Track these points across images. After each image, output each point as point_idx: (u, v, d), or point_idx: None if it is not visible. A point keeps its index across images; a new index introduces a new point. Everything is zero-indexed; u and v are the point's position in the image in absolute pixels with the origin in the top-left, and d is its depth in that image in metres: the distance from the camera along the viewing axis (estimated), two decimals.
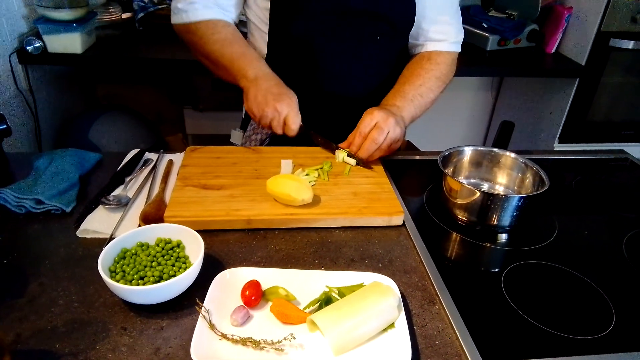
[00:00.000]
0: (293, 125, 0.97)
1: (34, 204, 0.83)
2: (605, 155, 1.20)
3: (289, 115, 0.96)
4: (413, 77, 1.09)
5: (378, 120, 0.95)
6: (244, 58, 1.04)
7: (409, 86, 1.08)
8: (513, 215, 0.84)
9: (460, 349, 0.63)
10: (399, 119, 0.99)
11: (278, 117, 0.97)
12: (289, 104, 0.97)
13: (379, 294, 0.65)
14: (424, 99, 1.08)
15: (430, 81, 1.09)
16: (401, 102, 1.04)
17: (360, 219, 0.85)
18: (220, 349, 0.60)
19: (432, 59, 1.12)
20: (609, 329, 0.68)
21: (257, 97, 0.99)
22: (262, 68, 1.03)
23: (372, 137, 0.95)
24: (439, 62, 1.12)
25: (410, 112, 1.05)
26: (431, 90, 1.09)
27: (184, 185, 0.90)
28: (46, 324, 0.63)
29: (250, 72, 1.02)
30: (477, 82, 2.52)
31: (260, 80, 1.00)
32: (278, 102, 0.96)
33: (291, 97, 0.99)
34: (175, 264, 0.70)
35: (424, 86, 1.08)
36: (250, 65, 1.02)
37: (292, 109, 0.97)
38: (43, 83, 1.82)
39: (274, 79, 1.02)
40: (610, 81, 1.97)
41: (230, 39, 1.06)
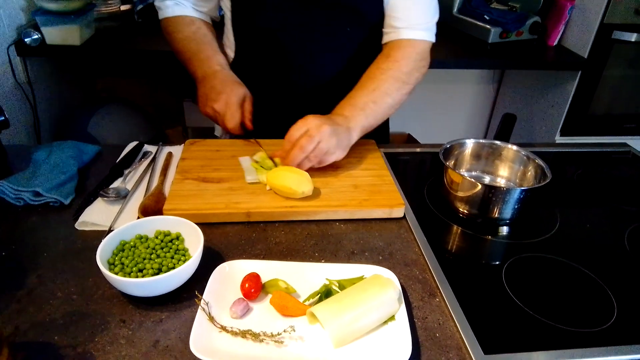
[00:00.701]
0: (229, 124, 0.95)
1: (32, 196, 0.83)
2: (607, 148, 1.19)
3: (225, 114, 0.95)
4: (367, 81, 0.98)
5: (310, 127, 0.86)
6: (196, 57, 1.02)
7: (360, 92, 0.96)
8: (514, 208, 0.84)
9: (461, 341, 0.63)
10: (342, 129, 0.89)
11: (219, 117, 0.96)
12: (227, 102, 0.95)
13: (379, 286, 0.65)
14: (377, 106, 0.95)
15: (386, 83, 0.96)
16: (350, 111, 0.93)
17: (360, 211, 0.84)
18: (219, 342, 0.60)
19: (391, 56, 0.99)
20: (611, 322, 0.67)
21: (201, 97, 0.98)
22: (211, 66, 1.00)
23: (300, 144, 0.85)
24: (398, 59, 0.98)
25: (360, 122, 0.93)
26: (387, 94, 0.96)
27: (183, 179, 0.89)
28: (44, 317, 0.63)
29: (198, 72, 1.01)
30: (478, 75, 2.51)
31: (206, 80, 0.99)
32: (215, 102, 0.95)
33: (231, 94, 0.95)
34: (175, 257, 0.69)
35: (378, 90, 0.96)
36: (200, 66, 1.01)
37: (229, 108, 0.94)
38: (42, 75, 1.80)
39: (220, 77, 0.98)
40: (612, 74, 1.96)
41: (190, 37, 1.04)
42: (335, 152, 0.88)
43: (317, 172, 0.93)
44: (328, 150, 0.87)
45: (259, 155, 0.95)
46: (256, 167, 0.91)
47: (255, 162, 0.93)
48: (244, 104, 0.98)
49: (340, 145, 0.89)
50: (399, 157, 1.07)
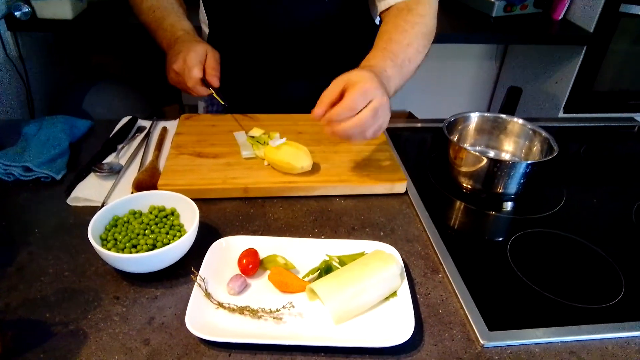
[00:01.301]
0: (187, 81, 0.87)
1: (23, 172, 0.80)
2: (613, 122, 1.16)
3: (183, 73, 0.87)
4: (399, 34, 0.85)
5: (374, 100, 0.70)
6: (161, 27, 0.96)
7: (397, 46, 0.83)
8: (520, 183, 0.81)
9: (465, 317, 0.61)
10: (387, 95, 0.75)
11: (181, 80, 0.89)
12: (185, 59, 0.87)
13: (381, 262, 0.63)
14: (411, 65, 0.84)
15: (417, 39, 0.86)
16: (391, 69, 0.79)
17: (361, 186, 0.82)
18: (216, 318, 0.58)
19: (413, 9, 0.87)
20: (619, 298, 0.65)
21: (167, 67, 0.92)
22: (175, 34, 0.94)
23: (362, 120, 0.70)
24: (423, 14, 0.88)
25: (396, 84, 0.81)
26: (419, 52, 0.86)
27: (178, 154, 0.86)
28: (36, 294, 0.61)
29: (164, 42, 0.95)
30: (480, 50, 2.45)
31: (170, 48, 0.93)
32: (174, 64, 0.88)
33: (188, 52, 0.88)
34: (170, 232, 0.67)
35: (412, 47, 0.84)
36: (164, 36, 0.95)
37: (186, 64, 0.87)
38: (34, 51, 1.76)
39: (181, 40, 0.92)
40: (618, 49, 1.91)
41: (155, 5, 0.98)
42: (384, 127, 0.76)
43: (317, 147, 0.90)
44: (383, 127, 0.75)
45: (255, 130, 0.92)
46: (252, 143, 0.88)
47: (250, 137, 0.90)
48: (206, 60, 0.91)
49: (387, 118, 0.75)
50: (401, 132, 1.04)
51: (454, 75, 2.50)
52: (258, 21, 0.99)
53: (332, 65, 0.87)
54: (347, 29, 0.98)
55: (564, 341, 0.59)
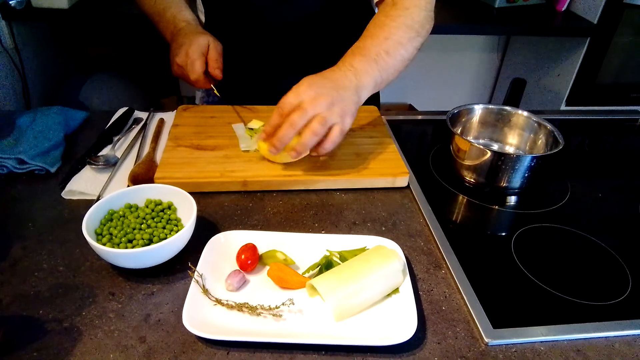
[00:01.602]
0: (191, 74, 0.87)
1: (16, 164, 0.78)
2: (617, 115, 1.15)
3: (186, 65, 0.87)
4: (377, 29, 0.83)
5: (303, 100, 0.71)
6: (164, 19, 0.94)
7: (371, 41, 0.81)
8: (524, 177, 0.79)
9: (468, 314, 0.60)
10: (348, 91, 0.75)
11: (185, 72, 0.88)
12: (186, 52, 0.86)
13: (382, 258, 0.61)
14: (390, 57, 0.81)
15: (399, 31, 0.82)
16: (360, 62, 0.78)
17: (362, 180, 0.80)
18: (214, 315, 0.57)
19: (398, 4, 0.85)
20: (625, 294, 0.64)
21: (171, 59, 0.91)
22: (177, 25, 0.93)
23: (290, 120, 0.71)
24: (407, 7, 0.85)
25: (372, 78, 0.79)
26: (401, 45, 0.82)
27: (175, 146, 0.85)
28: (29, 289, 0.60)
29: (167, 35, 0.93)
30: (482, 42, 2.43)
31: (173, 40, 0.91)
32: (177, 57, 0.87)
33: (190, 44, 0.87)
34: (166, 227, 0.66)
35: (391, 39, 0.81)
36: (167, 27, 0.93)
37: (189, 57, 0.86)
38: (30, 41, 1.73)
39: (184, 32, 0.91)
40: (622, 41, 1.89)
41: None
42: (343, 122, 0.73)
43: None
44: (333, 122, 0.72)
45: (254, 122, 0.90)
46: (251, 135, 0.87)
47: (249, 129, 0.88)
48: (208, 52, 0.89)
49: (346, 113, 0.74)
50: (403, 125, 1.02)
51: (456, 67, 2.47)
52: (256, 13, 0.97)
53: (331, 57, 0.85)
54: (346, 21, 0.96)
55: (570, 339, 0.58)
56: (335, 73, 0.77)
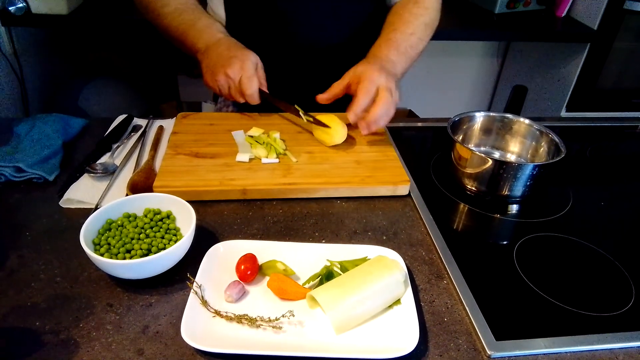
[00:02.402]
0: (247, 90, 0.87)
1: (14, 172, 0.78)
2: (618, 122, 1.14)
3: (242, 79, 0.87)
4: (402, 24, 0.95)
5: (379, 85, 0.82)
6: (193, 29, 0.94)
7: (400, 35, 0.93)
8: (526, 185, 0.79)
9: (471, 326, 0.59)
10: (394, 78, 0.87)
11: (233, 84, 0.88)
12: (241, 66, 0.87)
13: (383, 269, 0.60)
14: (414, 51, 0.94)
15: (419, 29, 0.95)
16: (395, 55, 0.90)
17: (363, 188, 0.80)
18: (213, 327, 0.56)
19: (419, 2, 0.98)
20: (629, 305, 0.63)
21: (209, 68, 0.90)
22: (213, 35, 0.93)
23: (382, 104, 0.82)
24: (427, 7, 0.98)
25: (402, 67, 0.92)
26: (421, 41, 0.96)
27: (175, 154, 0.84)
28: (26, 300, 0.59)
29: (200, 43, 0.93)
30: (482, 47, 2.42)
31: (210, 50, 0.91)
32: (228, 68, 0.87)
33: (244, 59, 0.88)
34: (165, 236, 0.65)
35: (415, 35, 0.94)
36: (200, 36, 0.93)
37: (245, 72, 0.87)
38: (29, 46, 1.72)
39: (226, 44, 0.91)
40: (622, 47, 1.88)
41: (180, 9, 0.95)
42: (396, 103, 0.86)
43: (317, 147, 0.88)
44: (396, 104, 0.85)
45: (254, 130, 0.89)
46: (250, 142, 0.86)
47: (249, 136, 0.88)
48: (257, 70, 0.90)
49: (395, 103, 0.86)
50: (403, 132, 1.01)
51: (456, 72, 2.47)
52: (284, 38, 0.99)
53: None
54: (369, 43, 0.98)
55: (573, 351, 0.57)
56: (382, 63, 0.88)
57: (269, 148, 0.85)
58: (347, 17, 1.00)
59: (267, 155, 0.83)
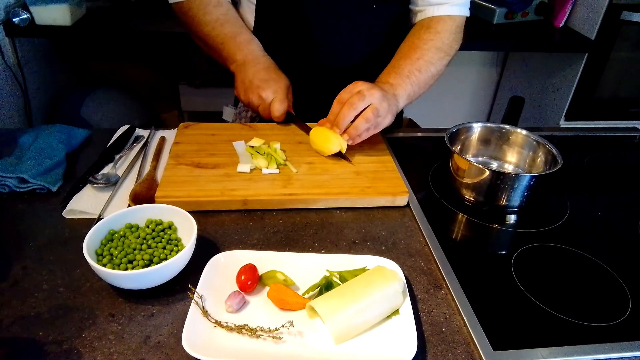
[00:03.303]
0: (276, 112, 0.93)
1: (18, 183, 0.79)
2: (616, 132, 1.15)
3: (273, 102, 0.92)
4: (410, 50, 0.97)
5: (362, 89, 0.84)
6: (233, 41, 0.97)
7: (404, 61, 0.96)
8: (523, 196, 0.80)
9: (469, 336, 0.60)
10: (390, 96, 0.89)
11: (263, 104, 0.93)
12: (276, 90, 0.92)
13: (382, 279, 0.61)
14: (422, 75, 0.96)
15: (429, 53, 0.97)
16: (395, 79, 0.93)
17: (362, 199, 0.81)
18: (214, 337, 0.57)
19: (431, 27, 0.99)
20: (625, 315, 0.64)
21: (244, 83, 0.94)
22: (253, 51, 0.97)
23: (351, 102, 0.83)
24: (439, 31, 0.99)
25: (406, 90, 0.93)
26: (431, 64, 0.97)
27: (176, 164, 0.85)
28: (29, 310, 0.60)
29: (238, 55, 0.96)
30: (481, 57, 2.45)
31: (248, 65, 0.95)
32: (263, 90, 0.92)
33: (278, 82, 0.94)
34: (167, 247, 0.66)
35: (422, 59, 0.96)
36: (239, 49, 0.97)
37: (277, 96, 0.92)
38: (32, 57, 1.75)
39: (264, 63, 0.96)
40: (619, 56, 1.90)
41: (221, 19, 0.99)
42: (387, 116, 0.87)
43: (316, 157, 0.89)
44: (380, 112, 0.85)
45: (255, 140, 0.91)
46: (251, 152, 0.87)
47: (250, 147, 0.89)
48: (287, 93, 0.96)
49: (390, 110, 0.87)
50: (402, 143, 1.03)
51: (455, 82, 2.49)
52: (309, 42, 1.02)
53: None
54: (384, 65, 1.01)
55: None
56: (377, 83, 0.91)
57: (269, 158, 0.86)
58: (369, 29, 1.03)
59: (267, 166, 0.85)
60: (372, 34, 1.04)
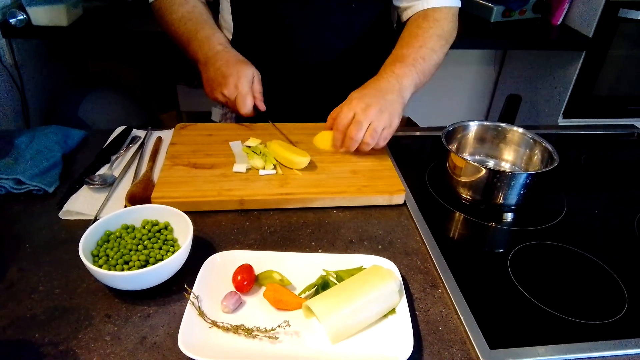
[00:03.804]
0: (242, 108, 0.91)
1: (14, 184, 0.79)
2: (613, 130, 1.15)
3: (237, 98, 0.91)
4: (412, 39, 0.97)
5: (356, 112, 0.83)
6: (195, 39, 0.96)
7: (408, 49, 0.95)
8: (520, 194, 0.80)
9: (465, 335, 0.60)
10: (392, 96, 0.87)
11: (229, 101, 0.92)
12: (236, 84, 0.90)
13: (379, 278, 0.61)
14: (427, 62, 0.95)
15: (431, 40, 0.96)
16: (401, 68, 0.91)
17: (359, 198, 0.81)
18: (210, 338, 0.57)
19: (428, 16, 0.99)
20: (622, 313, 0.64)
21: (207, 82, 0.94)
22: (212, 47, 0.95)
23: (350, 135, 0.84)
24: (437, 19, 0.99)
25: (413, 79, 0.92)
26: (434, 51, 0.96)
27: (173, 164, 0.85)
28: (25, 312, 0.60)
29: (200, 54, 0.95)
30: (479, 56, 2.44)
31: (209, 63, 0.94)
32: (225, 87, 0.90)
33: (239, 75, 0.91)
34: (163, 248, 0.66)
35: (425, 47, 0.95)
36: (200, 48, 0.95)
37: (240, 90, 0.90)
38: (29, 58, 1.74)
39: (224, 58, 0.94)
40: (617, 54, 1.90)
41: (185, 17, 0.98)
42: (391, 125, 0.86)
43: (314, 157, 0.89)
44: (383, 127, 0.85)
45: (252, 140, 0.91)
46: (247, 152, 0.87)
47: (247, 147, 0.89)
48: (253, 84, 0.93)
49: (393, 115, 0.86)
50: (399, 141, 1.03)
51: (454, 80, 2.48)
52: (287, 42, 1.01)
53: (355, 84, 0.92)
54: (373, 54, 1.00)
55: (567, 359, 0.58)
56: (379, 81, 0.89)
57: (265, 158, 0.86)
58: (349, 28, 1.01)
59: (264, 166, 0.85)
60: (351, 33, 1.02)
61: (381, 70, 0.93)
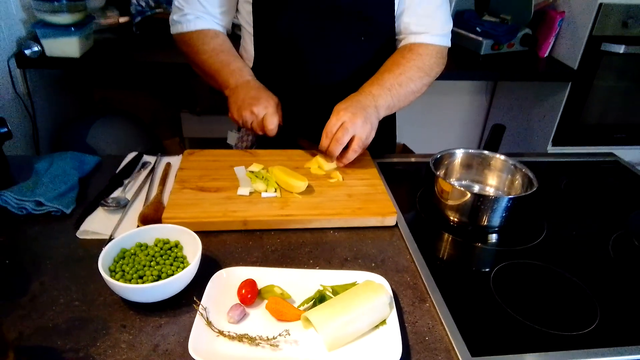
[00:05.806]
0: (269, 125, 1.00)
1: (35, 206, 0.85)
2: (595, 158, 1.23)
3: (266, 116, 1.00)
4: (393, 66, 1.08)
5: (344, 121, 0.95)
6: (227, 68, 1.07)
7: (388, 74, 1.06)
8: (503, 216, 0.86)
9: (450, 344, 0.65)
10: (371, 110, 0.99)
11: (256, 120, 1.01)
12: (266, 106, 1.00)
13: (371, 292, 0.67)
14: (402, 89, 1.05)
15: (411, 70, 1.07)
16: (377, 90, 1.03)
17: (354, 219, 0.87)
18: (217, 346, 0.62)
19: (413, 50, 1.10)
20: (594, 325, 0.70)
21: (236, 103, 1.03)
22: (244, 77, 1.07)
23: (337, 138, 0.94)
24: (420, 53, 1.09)
25: (386, 101, 1.03)
26: (411, 80, 1.07)
27: (181, 188, 0.91)
28: (47, 322, 0.65)
29: (231, 81, 1.06)
30: (471, 86, 2.55)
31: (240, 88, 1.04)
32: (254, 106, 1.00)
33: (268, 100, 1.02)
34: (174, 264, 0.72)
35: (404, 75, 1.06)
36: (232, 75, 1.06)
37: (268, 110, 1.00)
38: (41, 86, 1.83)
39: (254, 87, 1.05)
40: (602, 85, 2.00)
41: (217, 49, 1.09)
42: (370, 135, 0.98)
43: (312, 181, 0.95)
44: (364, 139, 0.97)
45: (254, 166, 0.98)
46: (251, 177, 0.94)
47: (250, 172, 0.96)
48: (277, 109, 1.04)
49: (373, 127, 0.98)
50: (392, 167, 1.10)
51: (447, 109, 2.58)
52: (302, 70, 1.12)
53: None
54: None
55: None
56: (359, 96, 1.01)
57: (267, 182, 0.92)
58: (357, 58, 1.13)
59: (266, 189, 0.91)
60: (360, 61, 1.13)
61: (361, 88, 1.04)
